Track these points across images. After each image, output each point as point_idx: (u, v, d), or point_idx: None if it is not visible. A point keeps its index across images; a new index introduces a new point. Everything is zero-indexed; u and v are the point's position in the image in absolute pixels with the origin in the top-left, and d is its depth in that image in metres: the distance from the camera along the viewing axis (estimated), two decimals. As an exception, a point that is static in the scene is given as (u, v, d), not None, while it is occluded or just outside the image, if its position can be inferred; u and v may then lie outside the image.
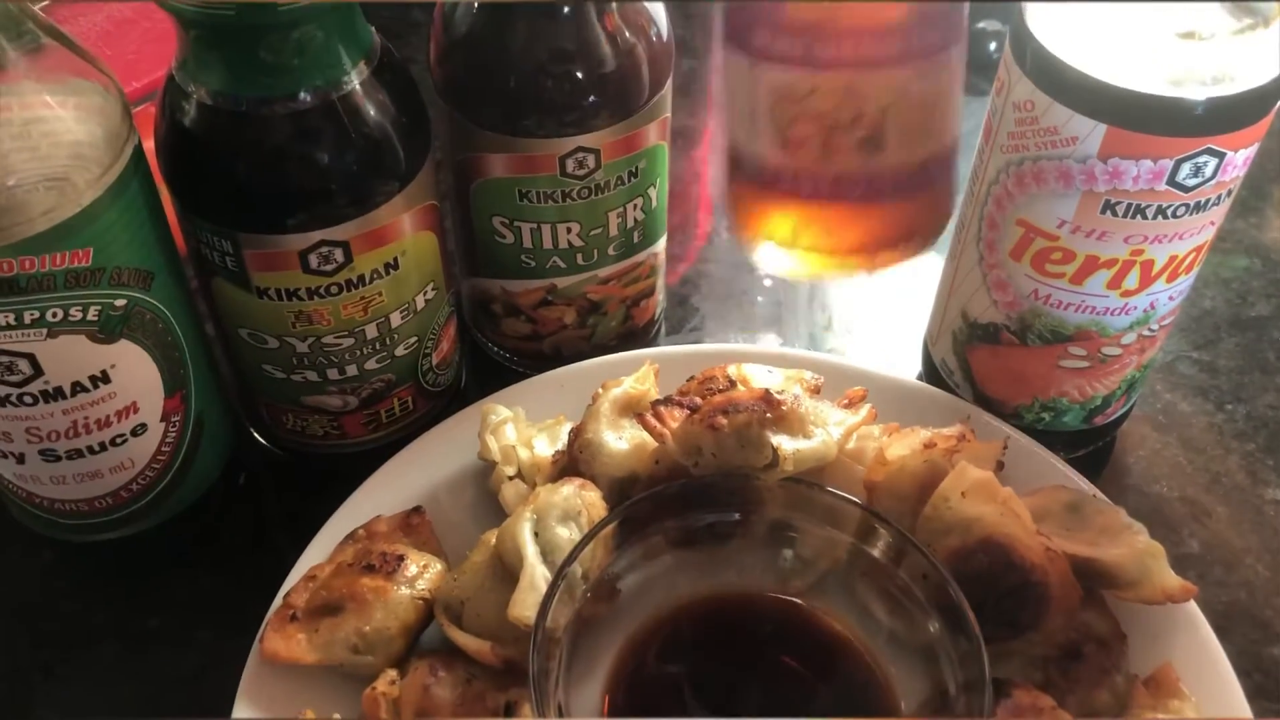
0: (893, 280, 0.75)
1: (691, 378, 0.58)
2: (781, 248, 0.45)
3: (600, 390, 0.56)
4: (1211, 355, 0.69)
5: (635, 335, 0.66)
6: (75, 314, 0.46)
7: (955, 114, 0.42)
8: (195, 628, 0.57)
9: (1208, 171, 0.48)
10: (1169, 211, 0.50)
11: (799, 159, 0.42)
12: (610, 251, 0.60)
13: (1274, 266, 0.75)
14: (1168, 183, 0.48)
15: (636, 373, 0.57)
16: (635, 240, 0.61)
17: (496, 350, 0.67)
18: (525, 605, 0.47)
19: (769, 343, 0.71)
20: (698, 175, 0.83)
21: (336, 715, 0.47)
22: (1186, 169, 0.48)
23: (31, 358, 0.46)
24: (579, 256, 0.59)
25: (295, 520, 0.56)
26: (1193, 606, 0.51)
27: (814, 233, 0.45)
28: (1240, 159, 0.49)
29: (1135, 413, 0.64)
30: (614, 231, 0.59)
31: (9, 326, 0.45)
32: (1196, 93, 0.46)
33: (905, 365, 0.66)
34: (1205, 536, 0.60)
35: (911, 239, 0.45)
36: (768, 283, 0.74)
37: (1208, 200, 0.50)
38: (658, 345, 0.67)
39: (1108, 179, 0.49)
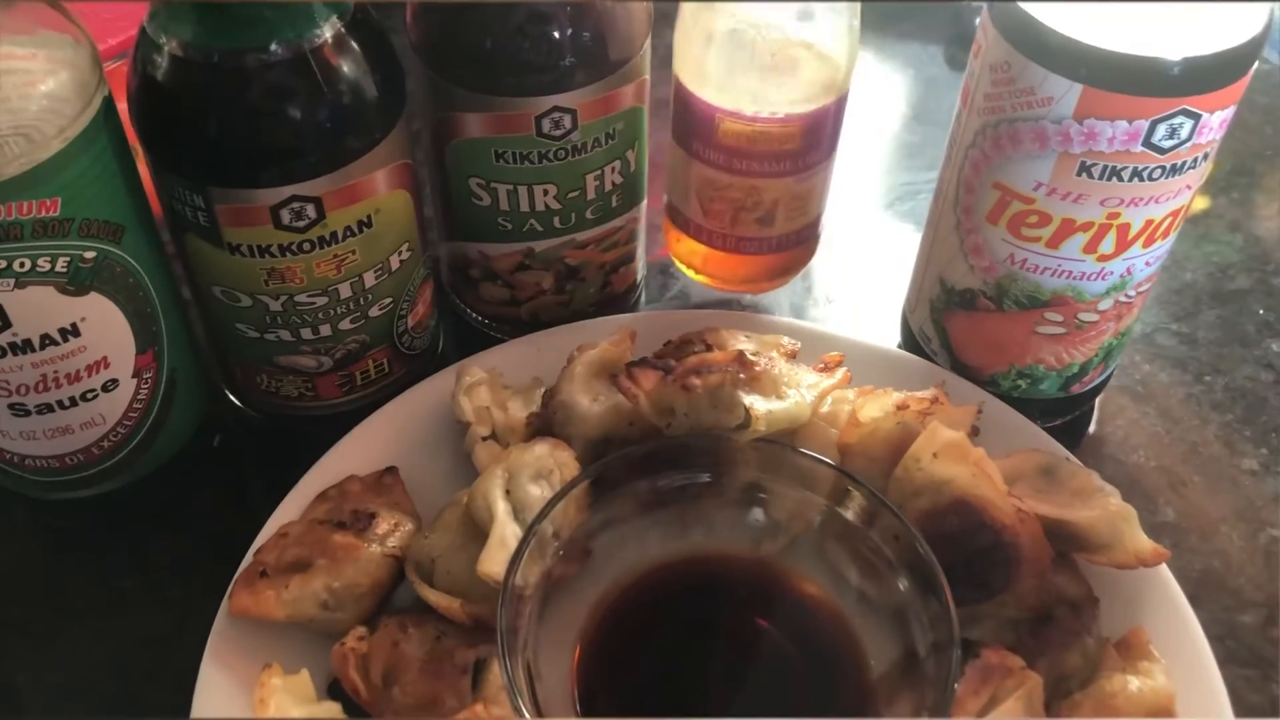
0: (874, 253, 0.75)
1: (668, 342, 0.58)
2: (694, 273, 0.67)
3: (575, 353, 0.56)
4: (1191, 327, 0.69)
5: (614, 302, 0.66)
6: (43, 264, 0.46)
7: (823, 198, 0.62)
8: (167, 587, 0.57)
9: (1183, 133, 0.48)
10: (1145, 174, 0.49)
11: (714, 224, 0.62)
12: (588, 215, 0.60)
13: (1254, 241, 0.75)
14: (1143, 144, 0.48)
15: (612, 336, 0.57)
16: (614, 204, 0.60)
17: (474, 316, 0.66)
18: (495, 561, 0.46)
19: (749, 312, 0.70)
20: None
21: (304, 669, 0.47)
22: (1162, 130, 0.48)
23: (-1, 309, 0.46)
24: (556, 219, 0.59)
25: (268, 481, 0.55)
26: (1165, 571, 0.51)
27: (718, 268, 0.66)
28: (1216, 121, 0.49)
29: (1114, 383, 0.64)
30: (592, 194, 0.59)
31: (-24, 276, 0.45)
32: (1173, 52, 0.46)
33: (885, 336, 0.66)
34: (1181, 505, 0.60)
35: (786, 274, 0.66)
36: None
37: (1183, 163, 0.49)
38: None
39: (1083, 140, 0.49)
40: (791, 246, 0.63)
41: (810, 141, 0.58)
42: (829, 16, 0.56)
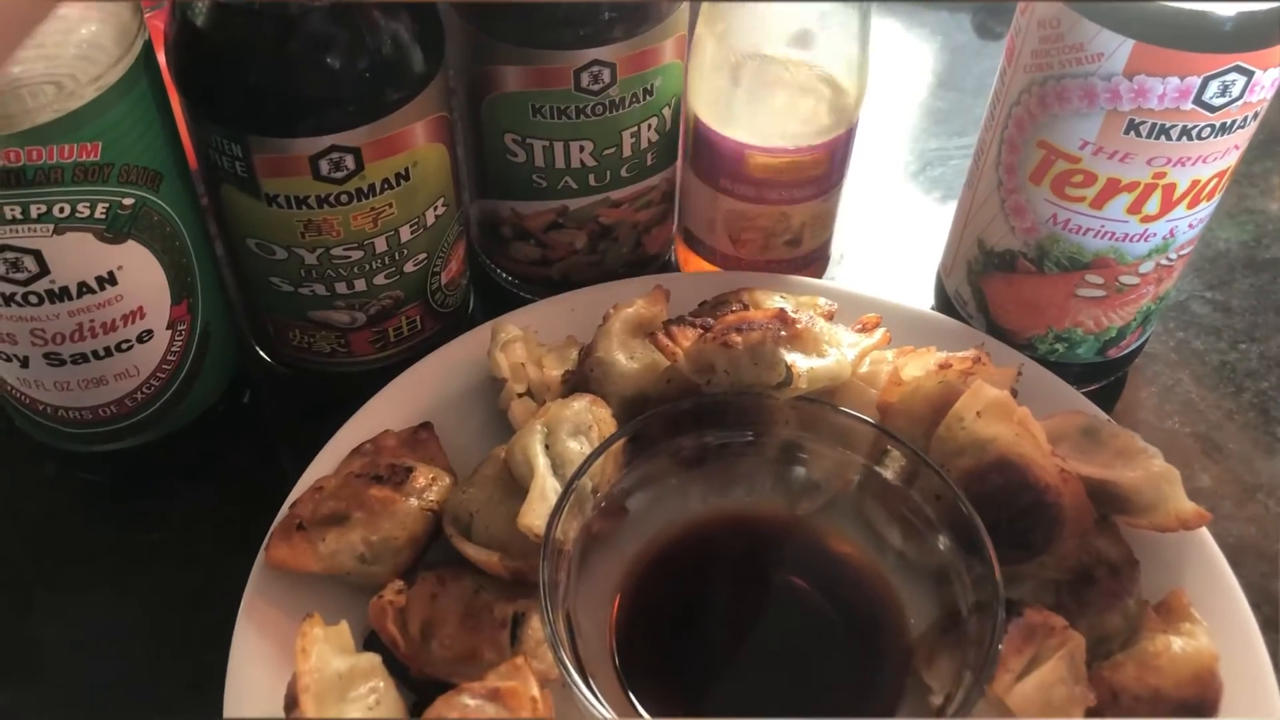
0: (904, 219, 0.74)
1: (703, 302, 0.58)
2: None
3: (611, 311, 0.55)
4: (1225, 295, 0.69)
5: (646, 264, 0.66)
6: (83, 210, 0.45)
7: (837, 210, 0.64)
8: (197, 542, 0.56)
9: (1235, 91, 0.47)
10: (1194, 133, 0.49)
11: (744, 251, 0.63)
12: (623, 173, 0.59)
13: (1289, 211, 0.74)
14: (1194, 102, 0.48)
15: (648, 294, 0.57)
16: (649, 162, 0.60)
17: (505, 276, 0.66)
18: (535, 514, 0.46)
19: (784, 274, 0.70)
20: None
21: (343, 620, 0.47)
22: (1214, 87, 0.47)
23: (38, 255, 0.46)
24: (591, 177, 0.59)
25: (300, 438, 0.55)
26: (1205, 534, 0.51)
27: None
28: (1269, 79, 0.48)
29: (1148, 350, 0.64)
30: (628, 151, 0.58)
31: (15, 221, 0.44)
32: (1227, 7, 0.45)
33: (918, 301, 0.65)
34: (1216, 472, 0.60)
35: None
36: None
37: (1233, 122, 0.49)
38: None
39: (1133, 97, 0.48)
40: (815, 261, 0.65)
41: (834, 163, 0.60)
42: (844, 47, 0.57)
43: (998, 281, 0.58)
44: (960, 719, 0.43)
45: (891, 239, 0.72)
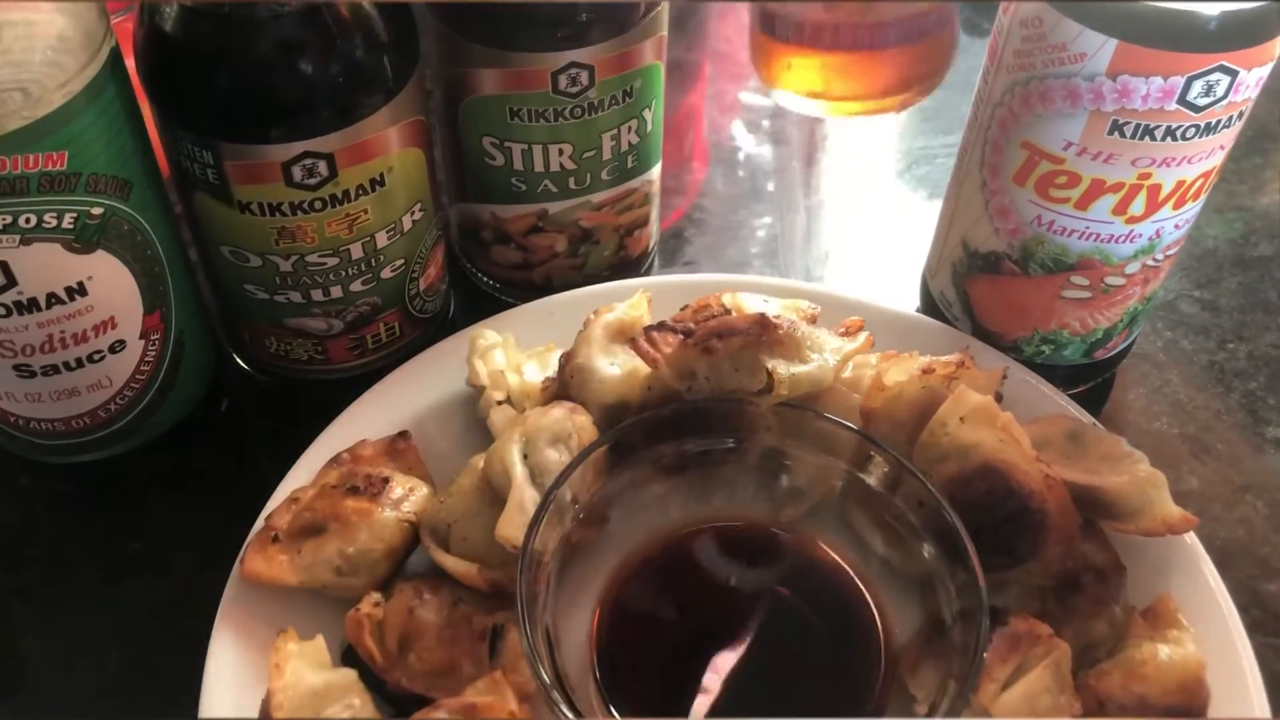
0: (890, 219, 0.73)
1: (685, 306, 0.57)
2: (817, 97, 0.54)
3: (592, 316, 0.55)
4: (1213, 294, 0.68)
5: (628, 266, 0.65)
6: (50, 220, 0.45)
7: None
8: (175, 553, 0.56)
9: (1219, 90, 0.47)
10: (1178, 133, 0.48)
11: (844, 14, 0.49)
12: (604, 176, 0.59)
13: (1277, 207, 0.73)
14: (1178, 102, 0.47)
15: (630, 299, 0.56)
16: (629, 165, 0.59)
17: (486, 280, 0.65)
18: (513, 526, 0.45)
19: (766, 276, 0.69)
20: (694, 111, 0.82)
21: (319, 635, 0.46)
22: (1198, 87, 0.47)
23: (4, 266, 0.45)
24: (571, 180, 0.58)
25: (278, 447, 0.54)
26: (1193, 539, 0.50)
27: (854, 75, 0.53)
28: (1253, 79, 0.47)
29: (1135, 350, 0.63)
30: (608, 154, 0.57)
31: (-20, 232, 0.44)
32: (1210, 7, 0.45)
33: (903, 302, 0.64)
34: (1205, 473, 0.59)
35: (928, 76, 0.54)
36: (765, 219, 0.73)
37: (1218, 122, 0.48)
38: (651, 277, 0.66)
39: (1116, 97, 0.48)
40: (932, 30, 0.55)
41: None
42: None
43: (983, 283, 0.58)
44: (944, 730, 0.42)
45: (877, 239, 0.72)
